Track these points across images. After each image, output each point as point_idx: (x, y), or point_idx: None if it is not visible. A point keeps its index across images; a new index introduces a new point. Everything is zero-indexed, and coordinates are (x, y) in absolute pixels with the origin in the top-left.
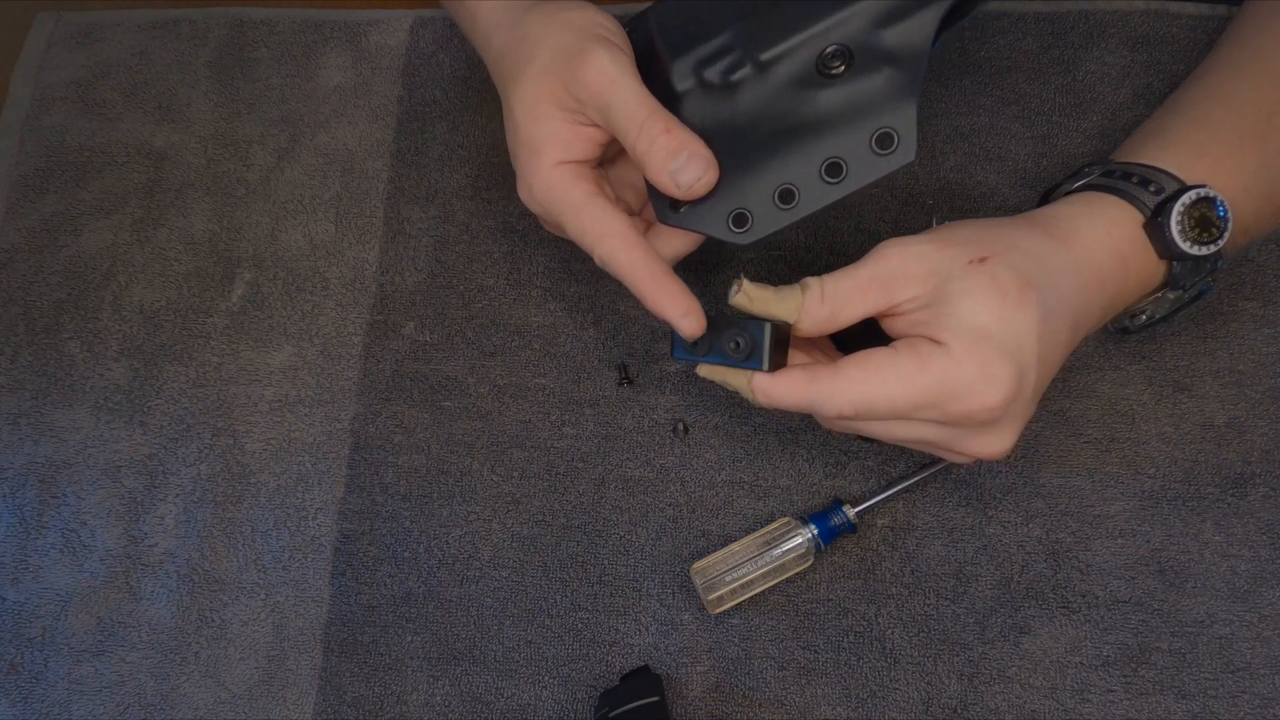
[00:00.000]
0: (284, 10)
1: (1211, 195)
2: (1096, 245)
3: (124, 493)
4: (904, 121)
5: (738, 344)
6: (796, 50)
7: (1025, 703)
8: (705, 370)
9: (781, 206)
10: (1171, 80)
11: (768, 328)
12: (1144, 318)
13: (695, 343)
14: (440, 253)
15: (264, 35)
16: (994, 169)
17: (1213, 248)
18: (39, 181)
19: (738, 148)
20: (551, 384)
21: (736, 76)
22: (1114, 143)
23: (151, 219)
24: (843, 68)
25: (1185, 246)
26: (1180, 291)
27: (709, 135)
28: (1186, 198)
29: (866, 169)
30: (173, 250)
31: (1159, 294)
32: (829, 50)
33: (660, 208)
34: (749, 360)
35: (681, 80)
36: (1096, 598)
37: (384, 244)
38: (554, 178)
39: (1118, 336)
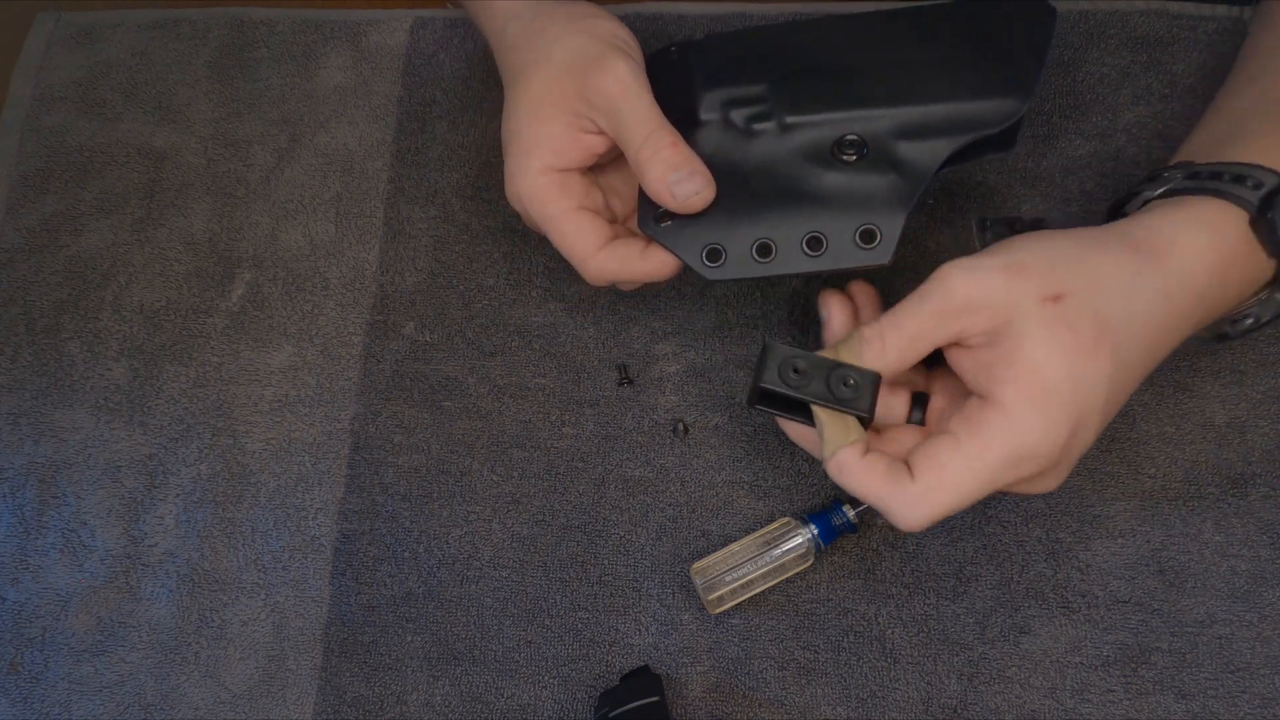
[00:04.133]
0: (284, 10)
1: None
2: (1196, 260)
3: (124, 493)
4: (891, 226)
5: (848, 382)
6: (820, 126)
7: (1025, 703)
8: (792, 430)
9: (757, 259)
10: (1171, 80)
11: (876, 378)
12: (1249, 322)
13: (796, 370)
14: (440, 253)
15: (264, 35)
16: (994, 169)
17: None
18: (39, 181)
19: (735, 190)
20: (551, 384)
21: (759, 127)
22: (1114, 143)
23: (151, 219)
24: (855, 157)
25: None
26: None
27: (713, 168)
28: None
29: (844, 254)
30: (173, 250)
31: (1264, 294)
32: (849, 137)
33: (645, 216)
34: (852, 402)
35: (708, 111)
36: (1096, 598)
37: (384, 244)
38: (539, 185)
39: (1213, 345)
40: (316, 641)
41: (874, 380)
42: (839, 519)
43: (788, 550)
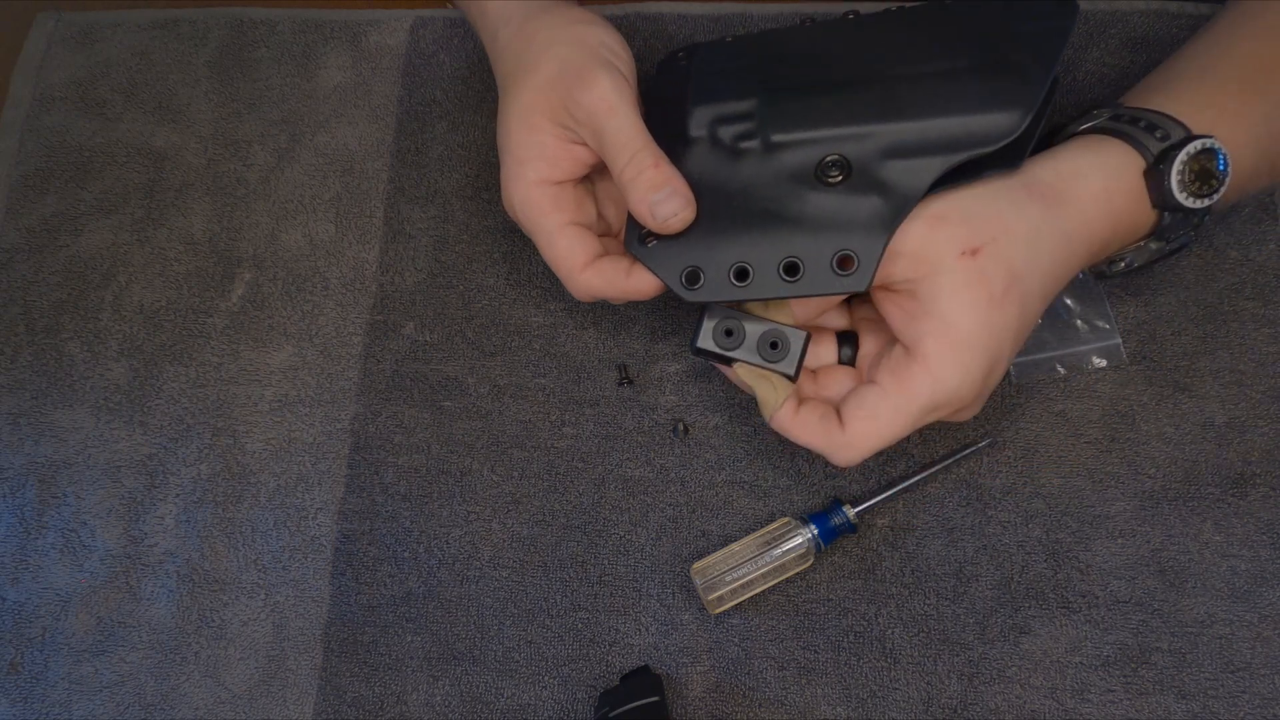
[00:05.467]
0: (284, 10)
1: (1214, 147)
2: (1092, 206)
3: (124, 493)
4: (869, 251)
5: (775, 344)
6: (805, 145)
7: (1025, 703)
8: (743, 370)
9: (734, 282)
10: None
11: (805, 337)
12: (1122, 265)
13: (728, 333)
14: (440, 253)
15: (264, 35)
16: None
17: (1207, 201)
18: (39, 181)
19: (719, 211)
20: (551, 384)
21: (744, 145)
22: None
23: (151, 219)
24: (840, 178)
25: (1181, 198)
26: (1163, 243)
27: (699, 189)
28: (1191, 147)
29: (819, 282)
30: (173, 250)
31: (1141, 243)
32: (829, 158)
33: (630, 236)
34: (779, 363)
35: (697, 128)
36: (1096, 598)
37: (384, 244)
38: (532, 198)
39: (1094, 280)
40: (316, 641)
41: (802, 340)
42: (839, 519)
43: (788, 550)
